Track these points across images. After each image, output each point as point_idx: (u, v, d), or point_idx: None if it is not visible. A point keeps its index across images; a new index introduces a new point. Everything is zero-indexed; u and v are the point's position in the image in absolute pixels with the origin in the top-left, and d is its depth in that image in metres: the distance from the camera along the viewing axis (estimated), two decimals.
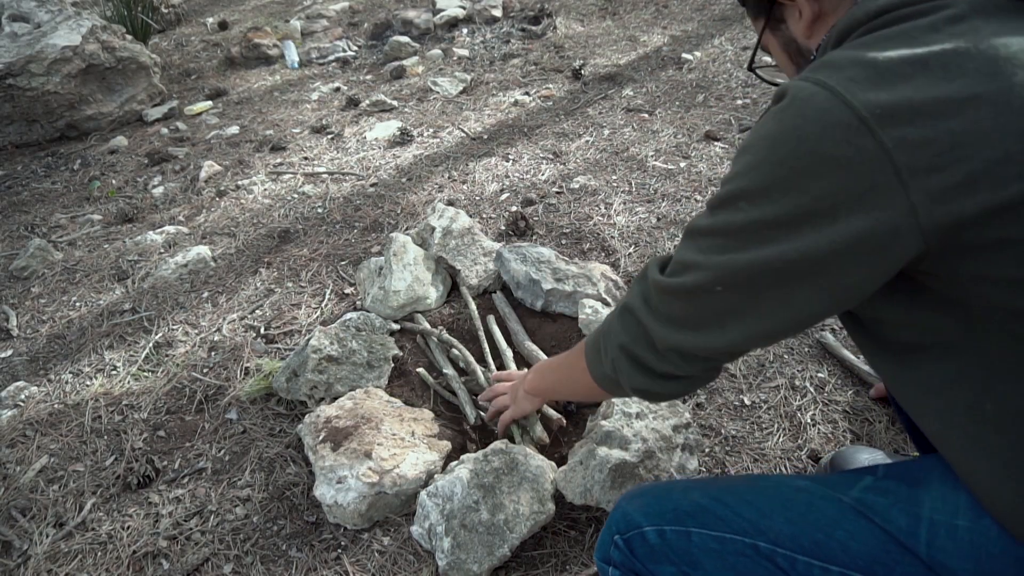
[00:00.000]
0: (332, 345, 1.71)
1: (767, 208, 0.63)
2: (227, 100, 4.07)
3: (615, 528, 0.84)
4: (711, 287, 0.69)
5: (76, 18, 3.81)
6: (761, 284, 0.66)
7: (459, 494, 1.29)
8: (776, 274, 0.65)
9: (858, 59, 0.61)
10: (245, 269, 2.32)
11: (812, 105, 0.60)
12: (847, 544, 0.73)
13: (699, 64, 3.50)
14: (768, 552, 0.75)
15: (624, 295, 0.84)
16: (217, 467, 1.57)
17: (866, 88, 0.59)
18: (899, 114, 0.57)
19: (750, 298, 0.68)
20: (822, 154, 0.59)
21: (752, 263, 0.65)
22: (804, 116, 0.61)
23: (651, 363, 0.77)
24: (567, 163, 2.70)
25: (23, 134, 3.71)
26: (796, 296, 0.65)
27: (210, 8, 6.09)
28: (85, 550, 1.41)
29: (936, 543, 0.69)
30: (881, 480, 0.76)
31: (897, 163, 0.57)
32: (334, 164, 3.04)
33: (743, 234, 0.66)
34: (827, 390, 1.57)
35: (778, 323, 0.69)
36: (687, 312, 0.73)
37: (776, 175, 0.62)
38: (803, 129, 0.60)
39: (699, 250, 0.71)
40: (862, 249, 0.60)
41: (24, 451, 1.67)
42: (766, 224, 0.64)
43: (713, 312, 0.70)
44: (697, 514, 0.79)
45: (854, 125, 0.58)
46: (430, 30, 4.53)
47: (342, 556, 1.33)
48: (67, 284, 2.41)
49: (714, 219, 0.69)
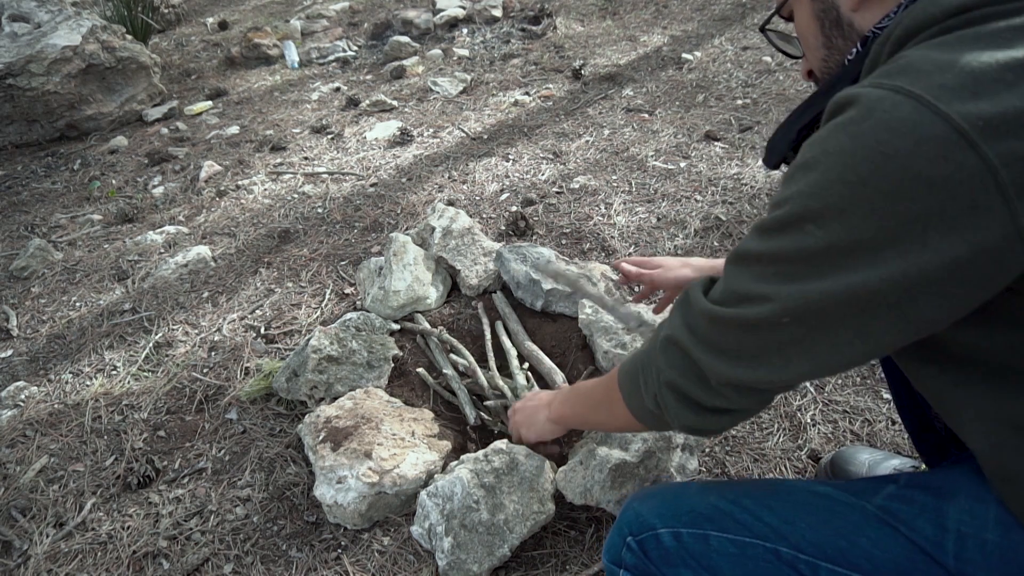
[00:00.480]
0: (332, 345, 1.71)
1: (843, 232, 0.56)
2: (227, 100, 4.07)
3: (627, 529, 0.82)
4: (777, 319, 0.62)
5: (76, 18, 3.81)
6: (836, 315, 0.59)
7: (459, 494, 1.29)
8: (854, 304, 0.58)
9: (948, 63, 0.54)
10: (245, 269, 2.32)
11: (897, 116, 0.53)
12: (871, 552, 0.71)
13: (699, 64, 3.50)
14: (790, 558, 0.74)
15: (665, 321, 0.76)
16: (217, 467, 1.57)
17: (963, 97, 0.52)
18: (1005, 126, 0.51)
19: (821, 330, 0.61)
20: (915, 173, 0.52)
21: (828, 293, 0.58)
22: (890, 129, 0.53)
23: (701, 398, 0.71)
24: (567, 163, 2.70)
25: (23, 134, 3.71)
26: (874, 327, 0.59)
27: (210, 8, 6.09)
28: (85, 550, 1.41)
29: (964, 555, 0.68)
30: (904, 489, 0.74)
31: (1002, 181, 0.51)
32: (334, 164, 3.04)
33: (815, 261, 0.59)
34: (827, 390, 1.57)
35: (850, 355, 0.62)
36: (745, 344, 0.66)
37: (855, 196, 0.55)
38: (890, 144, 0.53)
39: (758, 278, 0.63)
40: (956, 276, 0.54)
41: (24, 451, 1.67)
42: (843, 250, 0.57)
43: (778, 344, 0.63)
44: (716, 517, 0.78)
45: (952, 139, 0.51)
46: (430, 30, 4.53)
47: (342, 556, 1.33)
48: (67, 284, 2.41)
49: (776, 243, 0.62)
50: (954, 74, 0.53)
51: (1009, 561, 0.67)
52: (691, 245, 2.08)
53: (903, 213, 0.53)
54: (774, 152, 0.79)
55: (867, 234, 0.55)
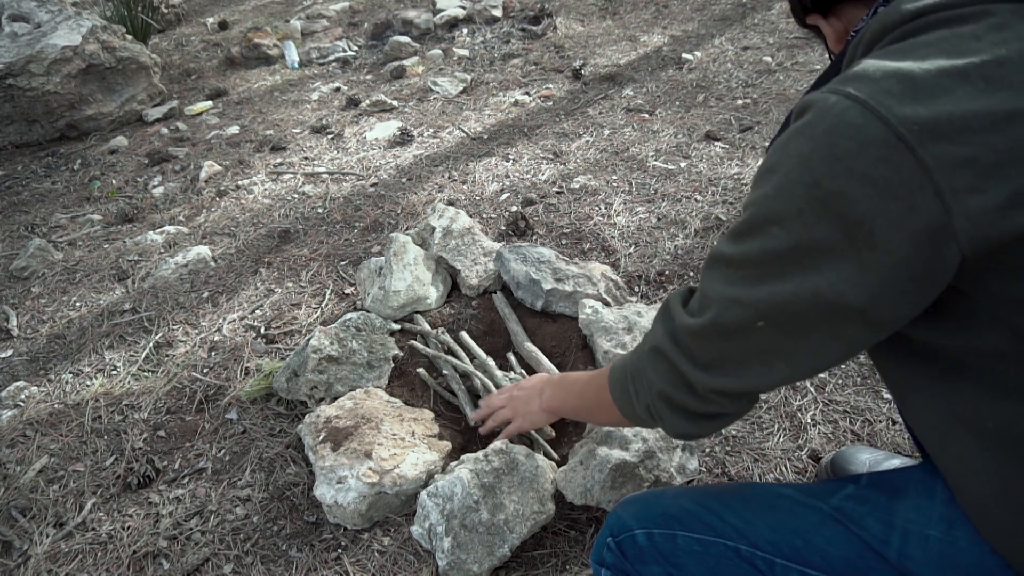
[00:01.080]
0: (332, 345, 1.71)
1: (803, 233, 0.58)
2: (227, 100, 4.07)
3: (609, 531, 0.88)
4: (752, 324, 0.64)
5: (76, 18, 3.81)
6: (806, 317, 0.61)
7: (459, 494, 1.29)
8: (821, 306, 0.60)
9: (893, 70, 0.57)
10: (245, 269, 2.32)
11: (845, 121, 0.56)
12: (824, 550, 0.76)
13: (699, 64, 3.50)
14: (749, 555, 0.79)
15: (650, 332, 0.79)
16: (217, 467, 1.57)
17: (903, 102, 0.55)
18: (939, 130, 0.54)
19: (796, 334, 0.63)
20: (859, 174, 0.55)
21: (794, 295, 0.60)
22: (839, 133, 0.56)
23: (693, 407, 0.74)
24: (567, 163, 2.70)
25: (23, 134, 3.71)
26: (845, 328, 0.61)
27: (210, 8, 6.09)
28: (85, 550, 1.41)
29: (907, 551, 0.72)
30: (862, 489, 0.79)
31: (938, 183, 0.53)
32: (334, 164, 3.04)
33: (779, 262, 0.61)
34: (827, 390, 1.57)
35: (828, 357, 0.64)
36: (727, 354, 0.68)
37: (811, 197, 0.57)
38: (839, 147, 0.56)
39: (729, 281, 0.65)
40: (907, 274, 0.57)
41: (24, 451, 1.67)
42: (804, 250, 0.59)
43: (757, 351, 0.66)
44: (683, 518, 0.83)
45: (891, 142, 0.54)
46: (430, 30, 4.53)
47: (342, 556, 1.33)
48: (67, 284, 2.41)
49: (744, 247, 0.64)
50: (897, 80, 0.56)
51: (948, 557, 0.70)
52: (691, 245, 2.08)
53: (852, 214, 0.56)
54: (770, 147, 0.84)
55: (823, 234, 0.58)
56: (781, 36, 3.67)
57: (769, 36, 3.70)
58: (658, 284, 1.95)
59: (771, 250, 0.61)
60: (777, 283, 0.61)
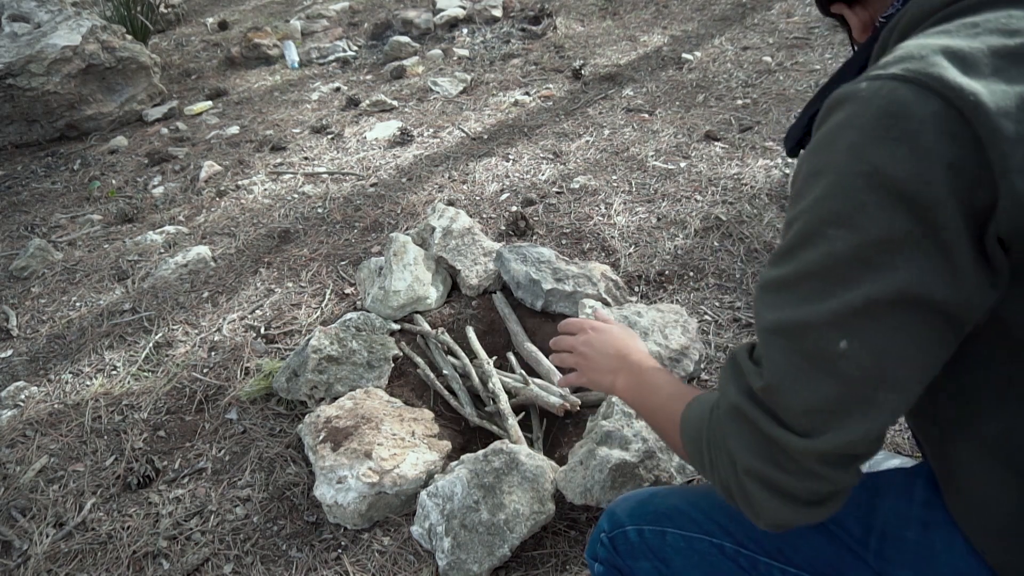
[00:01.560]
0: (332, 345, 1.71)
1: (871, 228, 0.52)
2: (227, 100, 4.07)
3: (603, 528, 0.90)
4: (831, 347, 0.54)
5: (76, 18, 3.81)
6: (891, 324, 0.53)
7: (459, 494, 1.29)
8: (906, 305, 0.52)
9: (940, 46, 0.54)
10: (245, 269, 2.32)
11: (896, 101, 0.52)
12: (806, 549, 0.77)
13: (699, 64, 3.50)
14: (732, 553, 0.80)
15: (720, 390, 0.65)
16: (217, 467, 1.57)
17: (955, 75, 0.51)
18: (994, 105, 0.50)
19: (888, 346, 0.54)
20: (923, 152, 0.50)
21: (873, 298, 0.52)
22: (890, 114, 0.51)
23: (792, 487, 0.58)
24: (567, 163, 2.70)
25: (23, 134, 3.71)
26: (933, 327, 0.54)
27: (210, 8, 6.09)
28: (85, 550, 1.41)
29: (884, 553, 0.73)
30: None
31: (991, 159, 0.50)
32: (334, 164, 3.04)
33: (848, 266, 0.53)
34: None
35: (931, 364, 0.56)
36: (815, 397, 0.55)
37: (872, 186, 0.51)
38: (894, 129, 0.51)
39: (789, 305, 0.56)
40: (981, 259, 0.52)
41: (24, 451, 1.67)
42: (874, 246, 0.52)
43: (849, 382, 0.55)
44: (673, 516, 0.84)
45: (952, 115, 0.50)
46: (430, 30, 4.53)
47: (342, 556, 1.33)
48: (67, 284, 2.41)
49: (799, 262, 0.55)
50: (946, 55, 0.53)
51: (923, 559, 0.70)
52: (691, 245, 2.08)
53: (922, 198, 0.51)
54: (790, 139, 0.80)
55: (893, 225, 0.51)
56: (781, 36, 3.67)
57: (769, 36, 3.70)
58: (658, 284, 1.95)
59: (834, 254, 0.53)
60: (850, 291, 0.53)
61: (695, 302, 1.86)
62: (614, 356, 0.98)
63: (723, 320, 1.79)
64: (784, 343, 0.56)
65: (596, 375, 0.99)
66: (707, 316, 1.81)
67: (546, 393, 1.56)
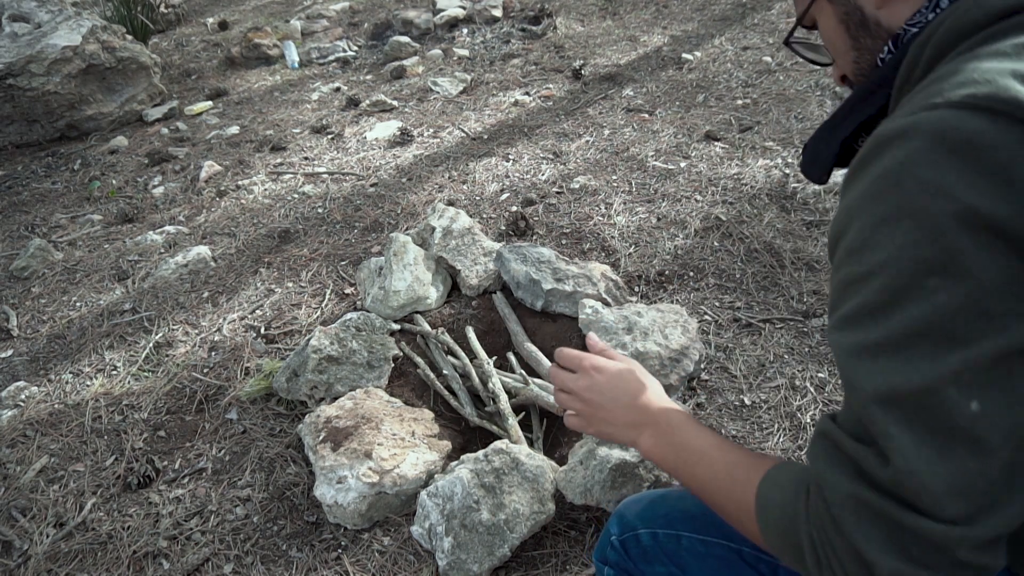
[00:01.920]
0: (332, 345, 1.71)
1: (976, 274, 0.47)
2: (227, 100, 4.07)
3: (613, 530, 0.88)
4: (963, 410, 0.48)
5: (76, 18, 3.81)
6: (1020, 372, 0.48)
7: (459, 494, 1.29)
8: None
9: (1008, 69, 0.49)
10: (245, 269, 2.32)
11: (976, 131, 0.47)
12: None
13: (699, 64, 3.50)
14: (752, 559, 0.78)
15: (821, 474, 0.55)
16: (217, 467, 1.57)
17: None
18: None
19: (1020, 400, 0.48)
20: (1012, 179, 0.46)
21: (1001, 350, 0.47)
22: (973, 146, 0.47)
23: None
24: (567, 163, 2.70)
25: (23, 134, 3.71)
26: None
27: (210, 8, 6.09)
28: (85, 550, 1.41)
29: None
30: None
31: None
32: (334, 164, 3.04)
33: (960, 320, 0.48)
34: (827, 390, 1.56)
35: None
36: (959, 475, 0.48)
37: (968, 229, 0.47)
38: (981, 162, 0.47)
39: (898, 372, 0.49)
40: None
41: (24, 451, 1.67)
42: (984, 291, 0.47)
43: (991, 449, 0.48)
44: (688, 519, 0.82)
45: None
46: (430, 30, 4.53)
47: (342, 556, 1.33)
48: (67, 284, 2.41)
49: (896, 321, 0.50)
50: (1016, 78, 0.49)
51: None
52: (691, 245, 2.08)
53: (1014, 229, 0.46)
54: (817, 165, 0.74)
55: (1011, 267, 0.47)
56: (781, 36, 3.67)
57: (769, 36, 3.70)
58: (658, 284, 1.95)
59: (941, 308, 0.48)
60: (972, 346, 0.48)
61: (695, 302, 1.86)
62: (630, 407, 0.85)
63: (723, 320, 1.79)
64: (903, 415, 0.49)
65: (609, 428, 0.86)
66: (707, 316, 1.81)
67: (546, 393, 1.56)
